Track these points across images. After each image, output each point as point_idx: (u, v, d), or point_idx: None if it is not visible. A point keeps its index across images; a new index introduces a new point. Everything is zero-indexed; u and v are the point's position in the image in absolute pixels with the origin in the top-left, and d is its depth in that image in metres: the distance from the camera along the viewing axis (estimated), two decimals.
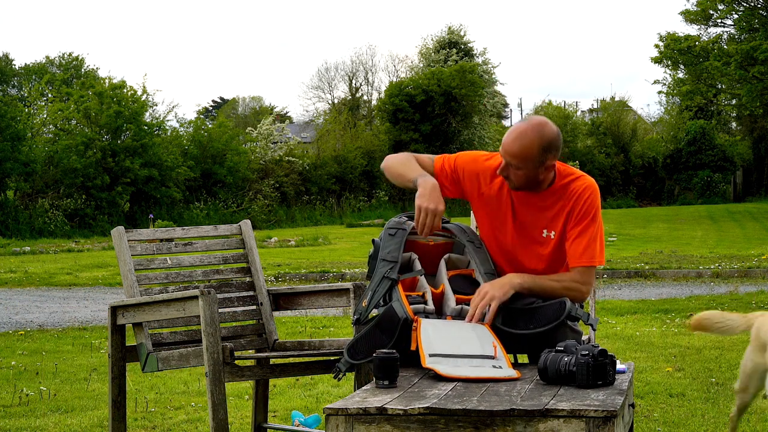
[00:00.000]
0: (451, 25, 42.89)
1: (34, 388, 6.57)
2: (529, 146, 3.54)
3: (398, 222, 3.70)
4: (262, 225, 30.35)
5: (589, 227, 3.65)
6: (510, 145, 3.56)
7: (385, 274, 3.50)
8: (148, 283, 4.43)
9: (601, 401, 2.75)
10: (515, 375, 3.16)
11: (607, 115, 42.99)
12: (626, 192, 40.70)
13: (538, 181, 3.63)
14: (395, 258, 3.54)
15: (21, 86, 49.11)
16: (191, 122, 33.35)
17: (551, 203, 3.68)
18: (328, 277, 14.99)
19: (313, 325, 9.81)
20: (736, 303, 10.76)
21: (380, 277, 3.50)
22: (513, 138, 3.57)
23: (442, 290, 3.53)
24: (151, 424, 5.48)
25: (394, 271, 3.50)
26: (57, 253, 21.15)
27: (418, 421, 2.71)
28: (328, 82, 46.46)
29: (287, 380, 6.63)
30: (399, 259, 3.54)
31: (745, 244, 18.90)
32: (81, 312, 11.74)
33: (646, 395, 5.88)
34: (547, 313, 3.46)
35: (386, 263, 3.54)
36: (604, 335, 8.54)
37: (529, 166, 3.56)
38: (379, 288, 3.48)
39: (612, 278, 14.50)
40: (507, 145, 3.57)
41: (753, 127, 41.64)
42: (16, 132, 27.56)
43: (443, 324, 3.39)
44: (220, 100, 62.30)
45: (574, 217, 3.66)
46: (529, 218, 3.71)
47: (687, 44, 31.01)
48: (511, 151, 3.55)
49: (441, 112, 36.31)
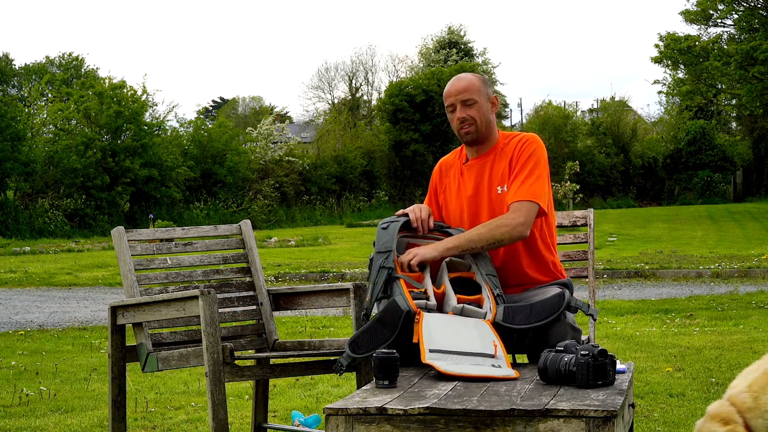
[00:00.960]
0: (451, 25, 42.97)
1: (34, 388, 6.57)
2: (470, 80, 3.86)
3: (391, 218, 3.80)
4: (262, 225, 30.35)
5: (525, 167, 3.77)
6: (455, 86, 3.86)
7: (381, 264, 3.53)
8: (148, 283, 4.43)
9: (601, 401, 2.75)
10: (514, 375, 3.16)
11: (607, 115, 42.98)
12: (626, 192, 40.70)
13: (489, 120, 3.84)
14: (389, 247, 3.58)
15: (21, 86, 49.13)
16: (191, 122, 33.38)
17: (499, 160, 3.84)
18: (328, 277, 14.99)
19: (313, 325, 9.82)
20: (736, 303, 10.75)
21: (377, 268, 3.54)
22: (454, 80, 3.90)
23: (444, 290, 3.54)
24: (151, 424, 5.48)
25: (389, 260, 3.54)
26: (57, 253, 21.15)
27: (418, 421, 2.71)
28: (328, 82, 46.52)
29: (287, 380, 6.63)
30: (393, 248, 3.57)
31: (745, 244, 18.90)
32: (81, 312, 11.74)
33: (646, 395, 5.88)
34: (546, 307, 3.47)
35: (381, 254, 3.58)
36: (604, 335, 8.54)
37: (480, 98, 3.82)
38: (378, 278, 3.52)
39: (612, 278, 14.50)
40: (452, 87, 3.87)
41: (753, 127, 41.64)
42: (16, 132, 27.57)
43: (445, 319, 3.39)
44: (220, 100, 62.31)
45: (514, 162, 3.80)
46: (482, 181, 3.85)
47: (687, 44, 31.01)
48: (458, 88, 3.84)
49: (441, 112, 36.27)
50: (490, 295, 3.54)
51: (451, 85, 3.87)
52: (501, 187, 3.80)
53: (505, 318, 3.46)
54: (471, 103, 3.81)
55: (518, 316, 3.47)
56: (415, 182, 36.10)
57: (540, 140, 3.87)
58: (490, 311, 3.47)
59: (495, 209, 3.79)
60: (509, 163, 3.81)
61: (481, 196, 3.83)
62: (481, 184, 3.84)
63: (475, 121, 3.81)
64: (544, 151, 3.84)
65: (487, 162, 3.86)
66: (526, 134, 3.88)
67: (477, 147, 3.89)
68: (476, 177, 3.86)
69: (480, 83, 3.85)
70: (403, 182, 36.08)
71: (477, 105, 3.81)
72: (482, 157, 3.88)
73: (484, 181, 3.84)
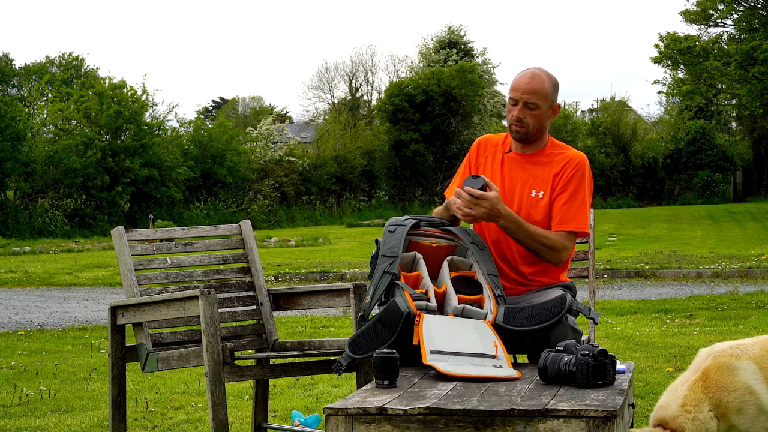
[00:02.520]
0: (451, 25, 42.92)
1: (34, 388, 6.57)
2: (543, 81, 3.78)
3: (398, 220, 3.75)
4: (262, 225, 30.34)
5: (574, 195, 3.76)
6: (528, 84, 3.77)
7: (385, 269, 3.52)
8: (148, 283, 4.43)
9: (601, 401, 2.75)
10: (515, 375, 3.16)
11: (607, 115, 42.95)
12: (626, 192, 40.67)
13: (544, 126, 3.81)
14: (395, 253, 3.57)
15: (21, 86, 49.11)
16: (191, 122, 33.36)
17: (541, 165, 3.83)
18: (328, 277, 14.99)
19: (313, 325, 9.81)
20: (736, 303, 10.75)
21: (381, 272, 3.53)
22: (528, 77, 3.78)
23: (445, 290, 3.54)
24: (151, 424, 5.48)
25: (394, 265, 3.52)
26: (57, 253, 21.15)
27: (418, 421, 2.71)
28: (328, 82, 46.49)
29: (287, 380, 6.63)
30: (399, 254, 3.56)
31: (745, 244, 18.89)
32: (81, 312, 11.74)
33: (646, 395, 5.88)
34: (547, 309, 3.47)
35: (386, 258, 3.56)
36: (604, 335, 8.54)
37: (543, 104, 3.77)
38: (380, 283, 3.51)
39: (612, 278, 14.50)
40: (524, 84, 3.77)
41: (753, 127, 41.61)
42: (16, 132, 27.56)
43: (445, 320, 3.39)
44: (220, 100, 62.30)
45: (562, 180, 3.78)
46: (520, 179, 3.83)
47: (687, 44, 30.98)
48: (529, 89, 3.76)
49: (441, 112, 36.30)
50: (491, 295, 3.53)
51: (524, 80, 3.80)
52: (536, 191, 3.80)
53: (505, 319, 3.45)
54: (534, 107, 3.78)
55: (519, 318, 3.46)
56: (415, 182, 36.08)
57: (587, 161, 3.88)
58: (490, 312, 3.47)
59: (523, 210, 3.79)
60: (556, 177, 3.80)
61: (514, 193, 3.83)
62: (517, 182, 3.84)
63: (529, 126, 3.79)
64: (590, 172, 3.86)
65: (529, 162, 3.86)
66: (576, 152, 3.87)
67: (523, 145, 3.89)
68: (514, 172, 3.86)
69: (551, 89, 3.81)
70: (403, 182, 36.06)
71: (539, 110, 3.78)
72: (526, 156, 3.88)
73: (521, 179, 3.84)
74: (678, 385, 3.43)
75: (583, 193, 3.78)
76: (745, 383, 3.34)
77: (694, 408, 3.31)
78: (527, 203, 3.80)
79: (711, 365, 3.40)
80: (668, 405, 3.36)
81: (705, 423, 3.29)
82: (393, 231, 3.66)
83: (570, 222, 3.74)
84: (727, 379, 3.35)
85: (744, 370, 3.36)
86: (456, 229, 3.80)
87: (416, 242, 3.71)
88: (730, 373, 3.36)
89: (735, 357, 3.39)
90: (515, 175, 3.85)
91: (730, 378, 3.35)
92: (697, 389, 3.35)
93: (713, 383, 3.35)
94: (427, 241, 3.73)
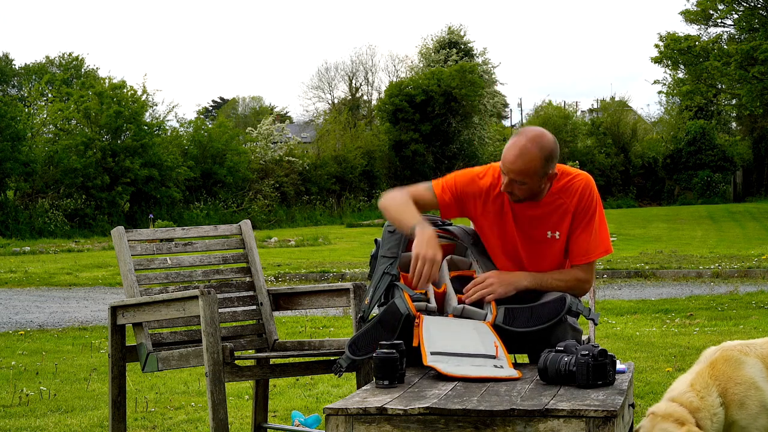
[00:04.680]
0: (451, 25, 42.92)
1: (34, 388, 6.57)
2: (532, 160, 3.51)
3: None
4: (262, 225, 30.34)
5: (590, 223, 3.68)
6: (513, 163, 3.52)
7: (385, 270, 3.52)
8: (148, 283, 4.43)
9: (601, 401, 2.75)
10: (516, 375, 3.16)
11: (607, 115, 42.97)
12: (626, 192, 40.68)
13: (540, 191, 3.63)
14: (395, 254, 3.57)
15: (21, 86, 49.11)
16: (191, 122, 33.37)
17: (552, 205, 3.68)
18: (328, 277, 14.99)
19: (313, 325, 9.81)
20: (736, 303, 10.75)
21: (381, 273, 3.53)
22: (515, 155, 3.52)
23: (444, 290, 3.54)
24: (151, 424, 5.48)
25: (393, 266, 3.52)
26: (57, 253, 21.15)
27: (418, 421, 2.71)
28: (328, 82, 46.49)
29: (287, 380, 6.63)
30: (399, 254, 3.56)
31: (745, 244, 18.89)
32: (81, 312, 11.74)
33: (646, 395, 5.88)
34: (547, 310, 3.47)
35: (386, 259, 3.56)
36: (604, 335, 8.54)
37: (534, 180, 3.55)
38: (380, 284, 3.50)
39: (612, 278, 14.49)
40: (510, 163, 3.53)
41: (753, 127, 41.61)
42: (16, 132, 27.57)
43: (445, 321, 3.39)
44: (220, 100, 62.30)
45: (579, 217, 3.68)
46: (532, 223, 3.69)
47: (687, 44, 30.98)
48: (514, 168, 3.52)
49: (441, 112, 36.31)
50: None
51: (512, 157, 3.53)
52: (552, 232, 3.68)
53: (505, 320, 3.45)
54: (522, 183, 3.57)
55: (518, 319, 3.46)
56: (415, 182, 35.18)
57: (593, 182, 3.73)
58: (490, 312, 3.47)
59: (541, 252, 3.70)
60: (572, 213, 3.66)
61: (527, 236, 3.70)
62: (529, 224, 3.69)
63: (520, 198, 3.63)
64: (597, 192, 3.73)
65: (539, 205, 3.68)
66: (582, 178, 3.70)
67: None
68: (525, 213, 3.69)
69: (541, 164, 3.53)
70: (403, 182, 35.99)
71: (528, 185, 3.57)
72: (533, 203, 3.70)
73: (533, 221, 3.69)
74: (686, 374, 3.46)
75: (596, 218, 3.69)
76: (751, 378, 3.35)
77: (702, 389, 3.34)
78: (544, 244, 3.69)
79: (719, 357, 3.43)
80: (676, 388, 3.40)
81: (713, 406, 3.30)
82: (393, 231, 3.65)
83: (593, 252, 3.67)
84: (734, 371, 3.37)
85: (751, 365, 3.38)
86: (455, 228, 3.79)
87: None
88: (737, 365, 3.38)
89: (743, 353, 3.41)
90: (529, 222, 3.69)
91: (736, 371, 3.37)
92: (705, 375, 3.37)
93: (720, 372, 3.37)
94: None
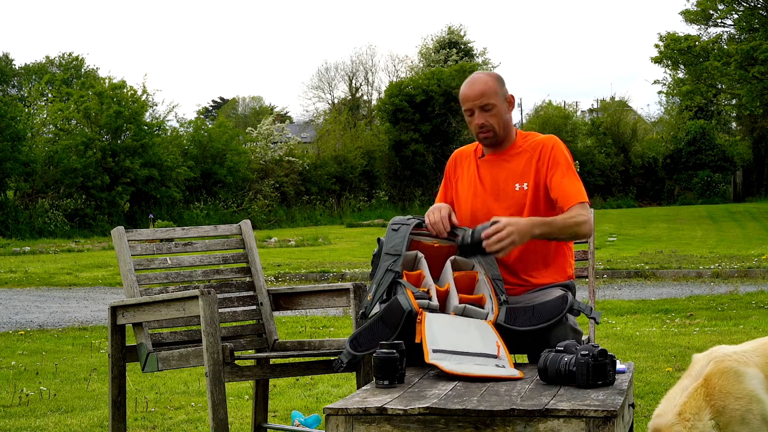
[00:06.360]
0: (451, 25, 42.95)
1: (34, 388, 6.57)
2: (486, 82, 3.80)
3: (402, 219, 3.76)
4: (262, 225, 30.34)
5: (569, 171, 3.77)
6: (471, 90, 3.80)
7: (388, 267, 3.53)
8: (148, 283, 4.43)
9: (601, 401, 2.75)
10: (518, 374, 3.16)
11: (607, 115, 42.96)
12: (626, 192, 40.68)
13: (507, 121, 3.82)
14: (398, 251, 3.57)
15: (21, 86, 49.13)
16: (191, 122, 33.37)
17: (518, 158, 3.83)
18: (328, 277, 14.99)
19: (313, 325, 9.82)
20: (736, 303, 10.75)
21: (383, 270, 3.53)
22: (469, 85, 3.82)
23: (447, 289, 3.54)
24: (151, 424, 5.48)
25: (396, 263, 3.53)
26: (57, 253, 21.15)
27: (418, 421, 2.71)
28: (328, 82, 46.51)
29: (287, 380, 6.63)
30: (402, 252, 3.57)
31: (745, 244, 18.89)
32: (81, 312, 11.74)
33: (646, 395, 5.88)
34: (549, 309, 3.46)
35: (390, 256, 3.57)
36: (604, 335, 8.54)
37: (497, 100, 3.78)
38: (383, 281, 3.51)
39: (612, 278, 14.50)
40: (469, 91, 3.80)
41: (753, 127, 41.61)
42: (16, 132, 27.57)
43: (448, 319, 3.39)
44: (220, 100, 62.29)
45: (548, 165, 3.78)
46: (499, 178, 3.84)
47: (687, 44, 30.98)
48: (474, 94, 3.78)
49: (441, 112, 36.29)
50: (492, 295, 3.53)
51: (468, 88, 3.81)
52: (519, 184, 3.80)
53: (506, 319, 3.45)
54: (490, 107, 3.77)
55: (520, 318, 3.46)
56: (415, 182, 36.09)
57: (561, 141, 3.88)
58: (491, 312, 3.47)
59: (511, 206, 3.79)
60: (536, 164, 3.79)
61: (497, 191, 3.83)
62: (498, 181, 3.84)
63: (494, 127, 3.79)
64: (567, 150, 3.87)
65: (504, 159, 3.86)
66: (548, 137, 3.87)
67: (494, 148, 3.90)
68: (492, 173, 3.86)
69: (496, 84, 3.80)
70: (403, 182, 36.07)
71: (496, 109, 3.78)
72: (499, 154, 3.87)
73: (501, 177, 3.84)
74: (676, 392, 3.22)
75: (572, 167, 3.80)
76: (752, 391, 3.16)
77: (693, 416, 3.10)
78: (513, 198, 3.80)
79: (714, 370, 3.19)
80: (665, 413, 3.16)
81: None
82: (397, 229, 3.67)
83: (578, 195, 3.73)
84: (733, 386, 3.16)
85: (752, 377, 3.18)
86: (459, 229, 3.80)
87: (418, 242, 3.71)
88: (736, 379, 3.18)
89: (742, 363, 3.20)
90: (494, 175, 3.85)
91: (736, 384, 3.16)
92: (698, 396, 3.14)
93: (717, 389, 3.15)
94: (429, 240, 3.73)
